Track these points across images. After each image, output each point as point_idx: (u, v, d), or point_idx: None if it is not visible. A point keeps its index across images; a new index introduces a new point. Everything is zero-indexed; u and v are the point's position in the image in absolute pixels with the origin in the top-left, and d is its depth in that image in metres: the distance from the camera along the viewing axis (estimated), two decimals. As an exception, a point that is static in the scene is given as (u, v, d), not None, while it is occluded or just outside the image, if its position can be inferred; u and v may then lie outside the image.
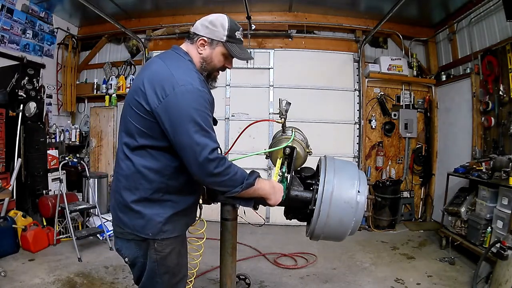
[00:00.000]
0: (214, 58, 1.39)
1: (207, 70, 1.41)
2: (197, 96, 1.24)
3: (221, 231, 1.77)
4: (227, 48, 1.37)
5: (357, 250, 3.76)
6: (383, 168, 4.97)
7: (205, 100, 1.27)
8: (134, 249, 1.40)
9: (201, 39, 1.37)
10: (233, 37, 1.38)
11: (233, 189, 1.30)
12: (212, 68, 1.41)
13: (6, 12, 4.05)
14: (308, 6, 4.78)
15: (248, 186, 1.32)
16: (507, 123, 3.62)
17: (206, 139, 1.23)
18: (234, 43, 1.39)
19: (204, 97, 1.27)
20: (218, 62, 1.40)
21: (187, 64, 1.35)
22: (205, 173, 1.24)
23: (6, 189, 3.44)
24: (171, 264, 1.41)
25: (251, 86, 4.94)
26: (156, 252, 1.36)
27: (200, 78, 1.33)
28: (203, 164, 1.22)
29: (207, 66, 1.40)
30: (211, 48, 1.38)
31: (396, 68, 4.81)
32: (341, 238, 1.60)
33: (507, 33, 3.61)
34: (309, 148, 1.84)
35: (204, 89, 1.28)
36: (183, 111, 1.22)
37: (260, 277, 3.02)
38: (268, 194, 1.43)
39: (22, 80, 3.90)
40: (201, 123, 1.23)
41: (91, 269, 3.05)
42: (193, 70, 1.34)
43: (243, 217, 1.92)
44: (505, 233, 2.85)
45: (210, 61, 1.39)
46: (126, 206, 1.35)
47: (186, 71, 1.31)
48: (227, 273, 1.79)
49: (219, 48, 1.38)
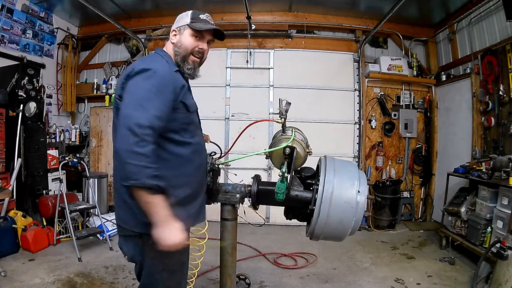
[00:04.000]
0: (183, 41, 1.48)
1: (180, 54, 1.48)
2: (150, 76, 1.31)
3: (221, 231, 1.78)
4: (191, 27, 1.48)
5: (357, 250, 3.76)
6: (383, 168, 4.97)
7: (161, 82, 1.32)
8: (132, 246, 1.43)
9: (172, 31, 1.53)
10: (197, 18, 1.50)
11: (132, 178, 1.20)
12: (185, 51, 1.48)
13: (6, 12, 4.05)
14: (308, 6, 4.78)
15: (145, 187, 1.20)
16: (507, 123, 3.62)
17: (138, 113, 1.24)
18: (198, 22, 1.49)
19: (159, 79, 1.32)
20: (188, 44, 1.48)
21: (155, 56, 1.50)
22: (125, 146, 1.20)
23: (6, 189, 3.44)
24: (170, 261, 1.40)
25: (251, 86, 4.94)
26: (151, 248, 1.33)
27: (168, 63, 1.44)
28: (125, 136, 1.21)
29: (179, 50, 1.49)
30: (180, 34, 1.50)
31: (396, 68, 4.81)
32: (341, 238, 1.60)
33: (507, 33, 3.61)
34: (309, 148, 1.84)
35: (164, 73, 1.35)
36: (133, 88, 1.31)
37: (260, 277, 3.01)
38: (159, 220, 1.24)
39: (22, 80, 3.90)
40: (141, 98, 1.27)
41: (91, 269, 3.05)
42: (160, 58, 1.45)
43: (243, 217, 1.92)
44: (505, 233, 2.85)
45: (180, 45, 1.48)
46: (123, 201, 1.39)
47: (151, 59, 1.48)
48: (227, 273, 1.80)
49: (186, 31, 1.49)
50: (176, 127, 1.39)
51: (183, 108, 1.40)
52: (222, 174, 1.91)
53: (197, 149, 1.50)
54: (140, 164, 1.19)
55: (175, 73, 1.43)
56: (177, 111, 1.38)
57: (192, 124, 1.47)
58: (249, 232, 4.08)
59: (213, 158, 1.74)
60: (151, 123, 1.23)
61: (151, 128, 1.23)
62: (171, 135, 1.38)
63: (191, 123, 1.46)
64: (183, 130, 1.42)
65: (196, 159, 1.49)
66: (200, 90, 4.72)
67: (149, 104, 1.26)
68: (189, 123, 1.45)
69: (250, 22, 4.21)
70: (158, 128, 1.26)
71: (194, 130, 1.49)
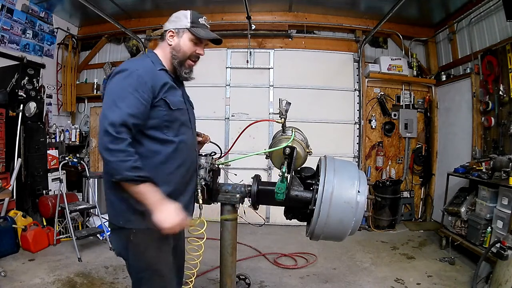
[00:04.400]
0: (183, 45, 1.48)
1: (178, 58, 1.49)
2: (127, 76, 1.33)
3: (221, 231, 1.78)
4: (192, 32, 1.47)
5: (357, 250, 3.76)
6: (383, 168, 4.97)
7: (137, 81, 1.32)
8: (117, 240, 1.46)
9: (169, 32, 1.50)
10: (197, 22, 1.49)
11: (116, 174, 1.26)
12: (183, 56, 1.49)
13: (6, 12, 4.05)
14: (308, 6, 4.78)
15: (128, 180, 1.25)
16: (507, 123, 3.62)
17: (112, 112, 1.27)
18: (199, 27, 1.49)
19: (136, 77, 1.32)
20: (187, 49, 1.49)
21: (141, 57, 1.52)
22: (102, 145, 1.25)
23: (6, 189, 3.44)
24: (153, 261, 1.41)
25: (251, 86, 4.94)
26: (133, 244, 1.38)
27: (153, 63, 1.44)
28: (101, 135, 1.25)
29: (177, 54, 1.49)
30: (179, 37, 1.49)
31: (396, 68, 4.81)
32: (341, 238, 1.60)
33: (507, 33, 3.61)
34: (309, 148, 1.84)
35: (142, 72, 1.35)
36: (110, 88, 1.34)
37: (260, 277, 3.01)
38: (152, 206, 1.28)
39: (22, 80, 3.90)
40: (116, 98, 1.29)
41: (91, 269, 3.05)
42: (144, 59, 1.47)
43: (243, 217, 1.92)
44: (505, 233, 2.85)
45: (179, 49, 1.48)
46: (105, 195, 1.45)
47: (134, 60, 1.51)
48: (227, 273, 1.80)
49: (186, 35, 1.48)
50: (157, 124, 1.39)
51: (164, 106, 1.39)
52: (222, 174, 1.91)
53: (181, 147, 1.47)
54: (118, 160, 1.23)
55: (159, 72, 1.43)
56: (158, 109, 1.38)
57: (176, 122, 1.45)
58: (249, 232, 4.08)
59: (213, 158, 1.74)
60: (123, 120, 1.25)
61: (124, 125, 1.26)
62: (152, 132, 1.39)
63: (174, 120, 1.44)
64: (165, 128, 1.41)
65: (179, 158, 1.46)
66: (200, 90, 4.77)
67: (123, 103, 1.28)
68: (171, 120, 1.43)
69: (250, 22, 4.21)
70: (132, 125, 1.28)
71: (179, 128, 1.47)
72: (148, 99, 1.34)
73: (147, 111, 1.34)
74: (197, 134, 1.77)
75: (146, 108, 1.33)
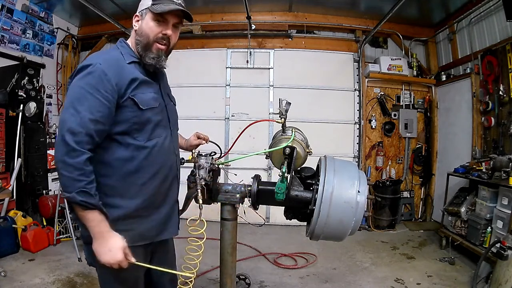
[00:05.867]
0: (145, 27, 1.30)
1: (142, 43, 1.31)
2: (87, 73, 1.17)
3: (221, 231, 1.78)
4: (151, 9, 1.29)
5: (357, 250, 3.76)
6: (383, 168, 4.97)
7: (99, 78, 1.16)
8: (86, 249, 1.33)
9: (135, 17, 1.36)
10: (158, 0, 1.30)
11: (64, 191, 1.13)
12: (146, 39, 1.30)
13: (6, 12, 4.04)
14: (308, 6, 4.78)
15: (74, 202, 1.12)
16: (507, 123, 3.62)
17: (71, 117, 1.13)
18: (159, 3, 1.29)
19: (97, 74, 1.17)
20: (150, 31, 1.30)
21: (112, 48, 1.35)
22: (56, 153, 1.12)
23: (6, 189, 3.43)
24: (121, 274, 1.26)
25: (251, 86, 4.93)
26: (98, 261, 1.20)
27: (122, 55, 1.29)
28: (58, 144, 1.12)
29: (140, 38, 1.31)
30: (142, 19, 1.32)
31: (396, 68, 4.81)
32: (341, 238, 1.60)
33: (507, 33, 3.61)
34: (309, 148, 1.84)
35: (105, 67, 1.18)
36: (70, 89, 1.19)
37: (260, 277, 3.01)
38: (93, 235, 1.17)
39: (22, 80, 3.90)
40: (75, 100, 1.15)
41: (91, 269, 3.04)
42: (114, 51, 1.32)
43: (243, 217, 1.92)
44: (505, 233, 2.85)
45: (142, 32, 1.31)
46: None
47: (101, 53, 1.41)
48: (227, 273, 1.80)
49: (148, 15, 1.30)
50: (125, 129, 1.23)
51: (132, 106, 1.23)
52: (222, 174, 1.91)
53: (156, 153, 1.30)
54: (70, 176, 1.10)
55: (128, 66, 1.27)
56: (125, 110, 1.22)
57: (148, 124, 1.28)
58: (249, 232, 4.08)
59: (213, 158, 1.74)
60: (84, 128, 1.12)
61: (86, 134, 1.12)
62: (119, 137, 1.23)
63: (145, 122, 1.27)
64: (135, 131, 1.25)
65: (153, 165, 1.30)
66: (200, 90, 4.78)
67: (83, 106, 1.13)
68: (142, 122, 1.26)
69: (250, 22, 4.21)
70: (95, 132, 1.14)
71: (152, 131, 1.30)
72: (113, 100, 1.18)
73: (111, 113, 1.18)
74: (197, 134, 1.77)
75: (110, 110, 1.18)
